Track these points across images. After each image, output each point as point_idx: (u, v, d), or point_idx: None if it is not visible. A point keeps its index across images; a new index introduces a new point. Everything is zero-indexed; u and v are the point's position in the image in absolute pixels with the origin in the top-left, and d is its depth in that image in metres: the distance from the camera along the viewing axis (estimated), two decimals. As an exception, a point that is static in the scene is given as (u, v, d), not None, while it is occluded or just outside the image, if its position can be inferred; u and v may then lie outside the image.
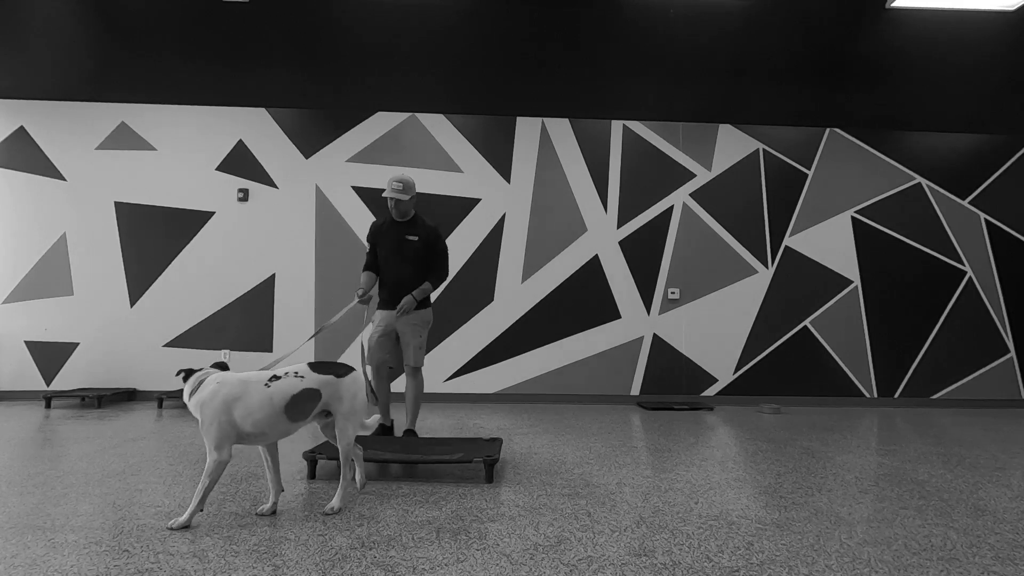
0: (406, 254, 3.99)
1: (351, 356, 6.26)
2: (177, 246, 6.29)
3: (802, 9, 5.82)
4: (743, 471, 3.41)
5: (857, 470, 3.47)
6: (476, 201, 6.45)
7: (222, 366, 2.60)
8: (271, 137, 6.41)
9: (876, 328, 6.53)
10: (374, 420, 2.88)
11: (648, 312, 6.47)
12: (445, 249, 4.10)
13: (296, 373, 2.51)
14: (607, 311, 6.45)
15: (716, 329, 6.48)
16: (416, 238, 4.01)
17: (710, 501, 2.81)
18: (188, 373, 2.50)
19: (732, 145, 6.64)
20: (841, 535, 2.36)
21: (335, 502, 2.57)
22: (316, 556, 2.08)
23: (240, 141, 6.39)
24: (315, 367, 2.57)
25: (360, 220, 6.38)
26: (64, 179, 6.28)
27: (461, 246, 6.39)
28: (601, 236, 6.50)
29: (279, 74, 6.27)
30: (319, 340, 6.26)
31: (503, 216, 6.46)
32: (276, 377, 2.47)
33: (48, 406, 5.63)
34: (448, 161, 6.47)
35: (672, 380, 6.42)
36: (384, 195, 4.00)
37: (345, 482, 2.62)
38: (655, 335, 6.45)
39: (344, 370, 2.64)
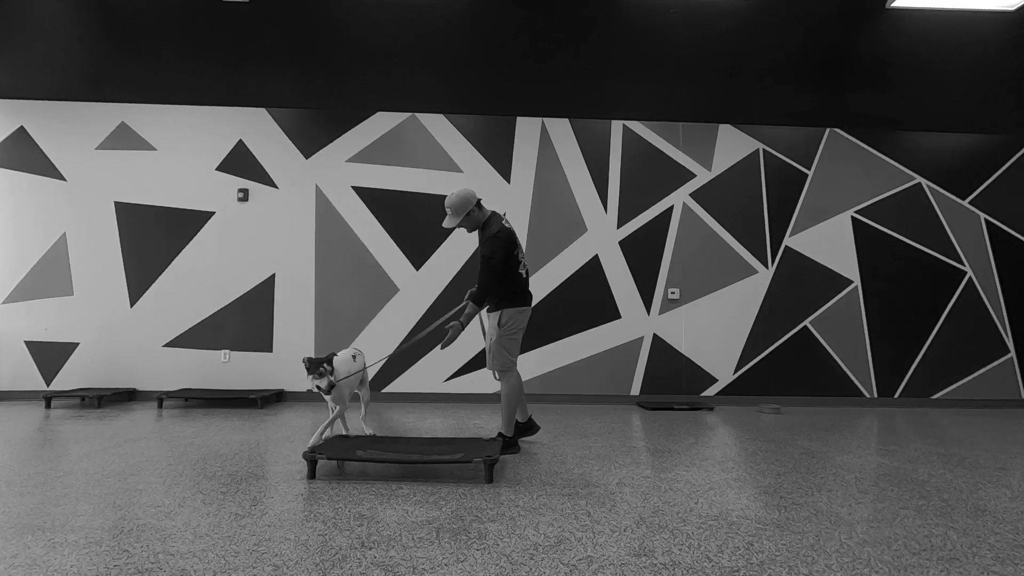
0: (478, 266, 3.90)
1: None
2: (177, 246, 6.29)
3: (802, 9, 5.83)
4: (743, 471, 3.41)
5: (857, 470, 3.47)
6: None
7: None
8: (271, 137, 6.41)
9: (876, 328, 6.53)
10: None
11: (648, 312, 6.47)
12: (488, 257, 3.76)
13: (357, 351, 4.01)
14: (607, 311, 6.45)
15: (716, 329, 6.48)
16: (480, 248, 3.90)
17: (710, 501, 2.81)
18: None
19: (732, 145, 6.64)
20: (841, 535, 2.36)
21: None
22: (316, 556, 2.08)
23: (240, 141, 6.39)
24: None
25: (360, 220, 6.38)
26: (64, 179, 6.28)
27: (461, 246, 6.39)
28: (601, 236, 6.50)
29: (279, 74, 6.27)
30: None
31: (503, 216, 6.45)
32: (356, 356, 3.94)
33: (48, 406, 5.63)
34: (448, 161, 6.47)
35: (672, 380, 6.42)
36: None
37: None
38: (655, 335, 6.45)
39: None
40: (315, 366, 3.50)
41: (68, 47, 6.03)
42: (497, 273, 3.77)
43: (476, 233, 4.01)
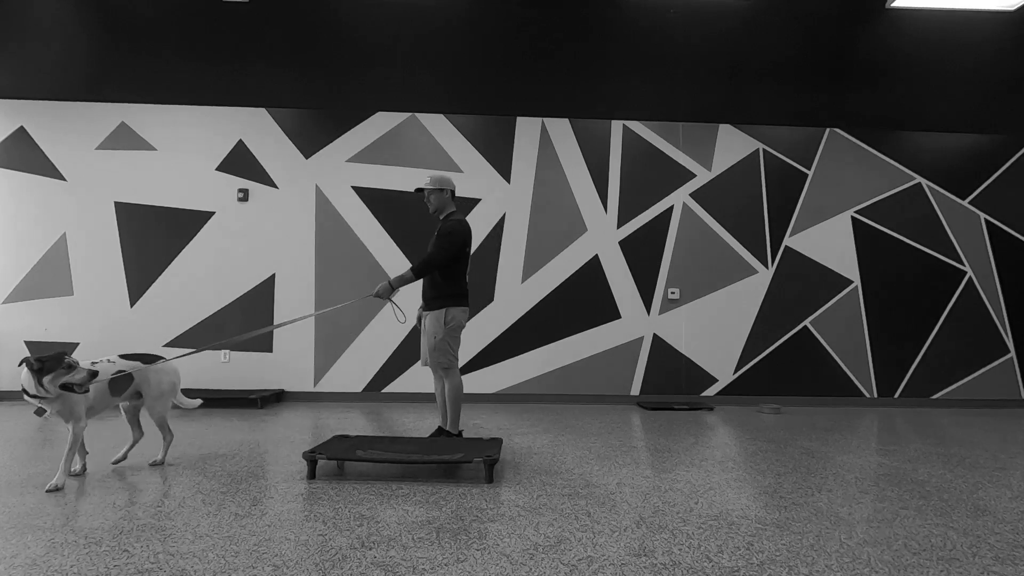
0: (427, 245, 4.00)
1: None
2: (177, 246, 6.29)
3: (802, 9, 5.82)
4: (743, 471, 3.41)
5: (857, 470, 3.47)
6: (476, 201, 6.45)
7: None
8: (271, 137, 6.41)
9: (876, 328, 6.53)
10: (194, 402, 3.60)
11: (648, 312, 6.47)
12: (446, 234, 3.85)
13: (109, 360, 3.19)
14: (607, 311, 6.45)
15: (716, 329, 6.48)
16: (436, 232, 3.96)
17: (710, 501, 2.81)
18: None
19: (732, 145, 6.64)
20: (841, 535, 2.36)
21: (159, 457, 3.40)
22: (316, 556, 2.08)
23: (240, 141, 6.39)
24: (125, 356, 3.29)
25: (360, 220, 6.38)
26: (64, 179, 6.28)
27: (461, 246, 6.39)
28: (601, 236, 6.50)
29: (279, 74, 6.27)
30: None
31: (503, 216, 6.46)
32: (95, 363, 3.11)
33: (48, 406, 5.63)
34: (448, 161, 6.47)
35: (672, 380, 6.42)
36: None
37: (165, 444, 3.44)
38: (655, 335, 6.45)
39: (151, 360, 3.36)
40: (54, 364, 2.83)
41: (68, 47, 6.03)
42: (449, 252, 3.85)
43: (442, 218, 4.04)
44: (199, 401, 3.64)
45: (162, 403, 3.39)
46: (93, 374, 2.88)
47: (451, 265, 3.89)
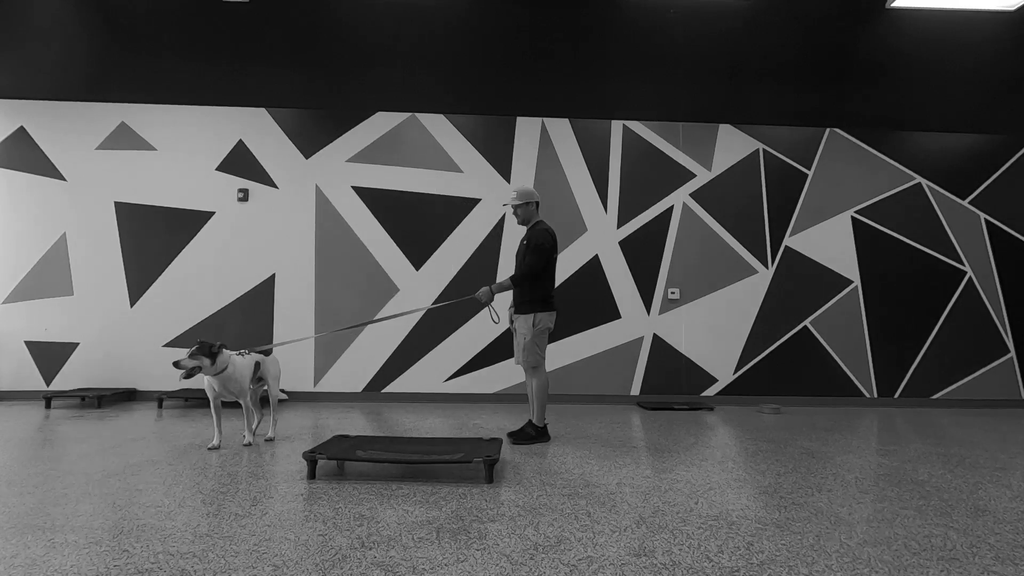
0: (519, 257, 4.28)
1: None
2: (177, 246, 6.29)
3: (802, 9, 5.82)
4: (743, 471, 3.41)
5: (857, 470, 3.47)
6: (476, 201, 6.45)
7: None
8: (271, 137, 6.41)
9: (876, 328, 6.53)
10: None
11: (648, 312, 6.47)
12: (538, 246, 4.13)
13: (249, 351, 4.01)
14: (607, 311, 6.45)
15: (716, 329, 6.48)
16: (526, 241, 4.25)
17: (710, 501, 2.81)
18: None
19: (732, 145, 6.64)
20: (841, 535, 2.36)
21: (270, 433, 4.13)
22: (316, 556, 2.08)
23: (240, 141, 6.39)
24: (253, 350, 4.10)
25: (360, 220, 6.38)
26: (64, 179, 6.28)
27: (461, 246, 6.39)
28: (601, 236, 6.50)
29: (279, 74, 6.27)
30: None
31: (503, 216, 6.46)
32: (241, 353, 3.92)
33: (48, 406, 5.63)
34: (448, 161, 6.47)
35: (672, 380, 6.41)
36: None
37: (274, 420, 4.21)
38: (655, 335, 6.45)
39: (269, 352, 4.31)
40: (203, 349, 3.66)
41: (68, 47, 6.03)
42: (544, 258, 4.14)
43: (529, 227, 4.34)
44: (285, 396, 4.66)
45: (275, 385, 4.23)
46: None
47: (539, 273, 4.16)
